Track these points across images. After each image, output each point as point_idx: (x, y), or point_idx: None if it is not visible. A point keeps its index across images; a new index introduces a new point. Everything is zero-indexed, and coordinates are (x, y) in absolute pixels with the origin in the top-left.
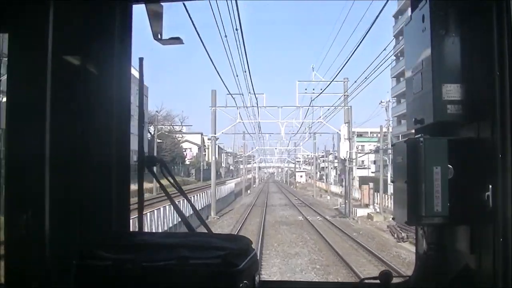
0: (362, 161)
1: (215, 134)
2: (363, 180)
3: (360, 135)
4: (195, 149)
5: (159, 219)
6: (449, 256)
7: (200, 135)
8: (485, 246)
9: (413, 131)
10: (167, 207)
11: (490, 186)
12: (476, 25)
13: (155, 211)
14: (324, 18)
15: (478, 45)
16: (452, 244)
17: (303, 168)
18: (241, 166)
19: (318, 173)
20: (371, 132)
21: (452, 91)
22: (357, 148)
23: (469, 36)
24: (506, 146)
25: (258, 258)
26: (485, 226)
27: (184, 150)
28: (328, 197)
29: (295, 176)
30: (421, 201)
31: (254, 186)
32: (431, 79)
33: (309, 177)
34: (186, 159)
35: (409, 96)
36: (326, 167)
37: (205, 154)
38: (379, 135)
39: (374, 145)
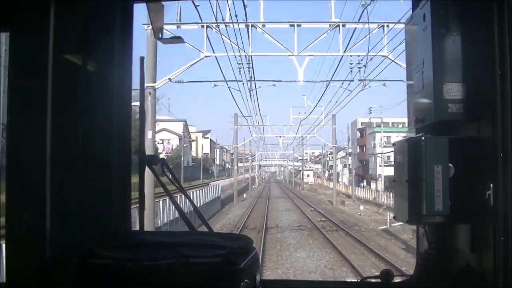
0: (388, 157)
1: (155, 82)
2: (391, 180)
3: (380, 124)
4: (176, 141)
5: None
6: (450, 255)
7: (182, 123)
8: (486, 245)
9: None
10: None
11: (491, 185)
12: (477, 24)
13: None
14: None
15: (479, 44)
16: (453, 243)
17: (309, 167)
18: (240, 164)
19: (327, 172)
20: (403, 123)
21: (453, 90)
22: (380, 139)
23: (470, 35)
24: (507, 144)
25: (259, 257)
26: (486, 225)
27: (160, 141)
28: (361, 207)
29: (302, 175)
30: (422, 200)
31: (253, 187)
32: (432, 78)
33: (318, 177)
34: (161, 152)
35: (410, 95)
36: (337, 165)
37: (186, 146)
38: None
39: (404, 136)
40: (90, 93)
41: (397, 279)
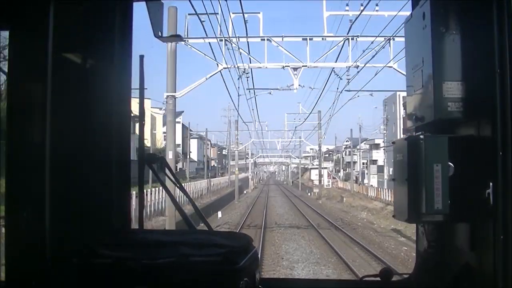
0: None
1: None
2: None
3: None
4: None
5: None
6: (449, 254)
7: None
8: (486, 243)
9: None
10: None
11: (491, 184)
12: (477, 22)
13: None
14: None
15: (479, 43)
16: (452, 241)
17: (317, 166)
18: (231, 162)
19: (342, 171)
20: None
21: (452, 88)
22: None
23: (470, 34)
24: (507, 143)
25: (258, 255)
26: (486, 224)
27: None
28: None
29: (319, 176)
30: (421, 199)
31: (246, 192)
32: (432, 76)
33: (333, 177)
34: None
35: (410, 93)
36: (355, 162)
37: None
38: None
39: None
40: (89, 92)
41: (397, 278)
